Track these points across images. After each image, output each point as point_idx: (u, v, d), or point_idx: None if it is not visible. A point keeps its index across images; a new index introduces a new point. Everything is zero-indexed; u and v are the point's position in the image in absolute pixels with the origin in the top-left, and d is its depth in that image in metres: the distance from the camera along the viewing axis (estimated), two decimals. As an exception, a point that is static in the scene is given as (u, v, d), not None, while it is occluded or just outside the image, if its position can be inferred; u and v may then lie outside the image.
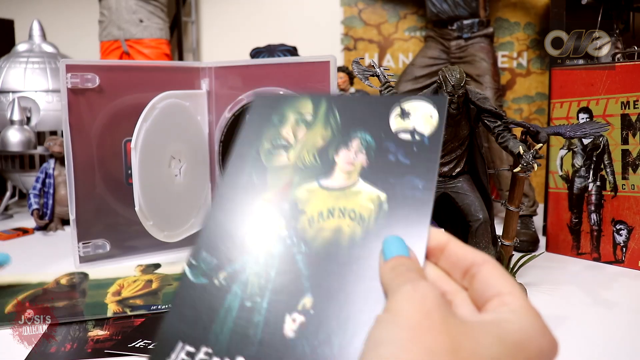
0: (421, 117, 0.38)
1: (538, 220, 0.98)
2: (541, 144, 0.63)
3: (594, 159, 0.84)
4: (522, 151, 0.61)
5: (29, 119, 1.13)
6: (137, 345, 0.55)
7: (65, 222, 1.02)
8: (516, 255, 0.73)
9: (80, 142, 0.81)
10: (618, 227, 0.81)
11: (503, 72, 1.22)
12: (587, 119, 0.84)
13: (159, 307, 0.65)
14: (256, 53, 1.13)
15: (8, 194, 1.19)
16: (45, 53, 1.20)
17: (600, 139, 0.83)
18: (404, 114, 0.38)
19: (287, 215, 0.36)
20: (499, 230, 0.71)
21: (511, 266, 0.72)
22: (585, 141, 0.85)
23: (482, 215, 0.65)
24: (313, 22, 1.40)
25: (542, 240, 0.91)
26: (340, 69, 1.10)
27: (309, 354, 0.32)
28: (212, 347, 0.34)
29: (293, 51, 1.14)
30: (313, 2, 1.40)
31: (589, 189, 0.84)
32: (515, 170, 0.64)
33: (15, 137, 1.08)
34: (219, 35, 1.53)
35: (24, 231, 1.02)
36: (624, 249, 0.81)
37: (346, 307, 0.33)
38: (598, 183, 0.83)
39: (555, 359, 0.28)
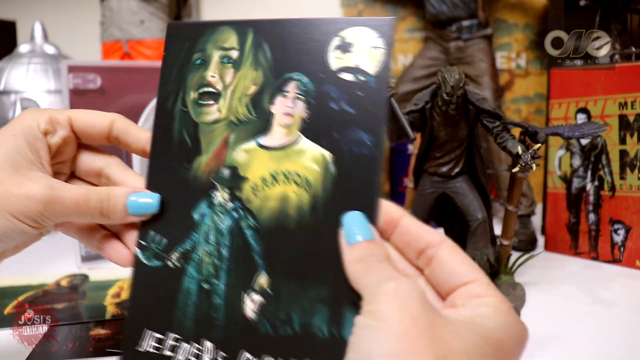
0: (365, 50, 0.33)
1: (536, 220, 0.98)
2: (540, 144, 0.63)
3: (592, 159, 0.84)
4: (520, 151, 0.61)
5: (30, 119, 1.13)
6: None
7: (67, 222, 1.02)
8: (515, 254, 0.74)
9: (82, 143, 0.81)
10: (616, 227, 0.82)
11: (502, 73, 1.22)
12: (586, 120, 0.84)
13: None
14: (256, 54, 1.14)
15: (9, 194, 1.19)
16: (47, 54, 1.21)
17: (598, 139, 0.83)
18: (345, 47, 0.33)
19: (229, 183, 0.33)
20: (497, 230, 0.72)
21: (510, 265, 0.72)
22: (584, 141, 0.85)
23: (481, 215, 0.65)
24: (313, 23, 1.40)
25: (541, 240, 0.92)
26: (340, 70, 1.11)
27: (271, 334, 0.31)
28: (179, 333, 0.33)
29: (293, 52, 1.14)
30: (313, 3, 1.41)
31: (587, 189, 0.85)
32: (513, 170, 0.65)
33: (16, 138, 1.08)
34: (220, 36, 1.53)
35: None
36: (622, 248, 0.81)
37: (303, 283, 0.31)
38: (596, 183, 0.84)
39: (525, 347, 0.28)
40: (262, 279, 0.32)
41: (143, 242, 0.36)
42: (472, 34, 1.10)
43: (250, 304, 0.32)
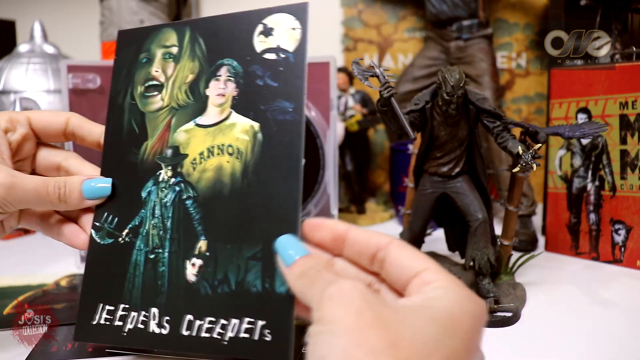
0: (284, 32, 0.37)
1: (537, 220, 0.98)
2: (540, 144, 0.63)
3: (593, 159, 0.84)
4: (521, 151, 0.61)
5: (30, 119, 1.13)
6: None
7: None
8: (515, 254, 0.73)
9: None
10: (616, 227, 0.82)
11: (502, 72, 1.22)
12: (586, 119, 0.84)
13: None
14: (256, 54, 1.14)
15: (9, 194, 1.19)
16: (46, 54, 1.21)
17: (599, 139, 0.83)
18: (267, 31, 0.38)
19: (172, 161, 0.37)
20: (498, 230, 0.72)
21: (510, 265, 0.72)
22: (584, 141, 0.85)
23: (482, 215, 0.65)
24: (313, 23, 1.39)
25: (541, 240, 0.92)
26: (340, 70, 1.10)
27: (210, 294, 0.34)
28: (128, 303, 0.36)
29: (293, 52, 1.14)
30: (313, 2, 1.40)
31: (588, 189, 0.85)
32: (514, 170, 0.65)
33: (16, 138, 1.08)
34: (219, 36, 1.53)
35: (25, 230, 1.02)
36: (623, 248, 0.81)
37: (238, 244, 0.34)
38: (597, 183, 0.84)
39: (484, 321, 0.29)
40: (202, 244, 0.35)
41: (97, 224, 0.39)
42: (473, 34, 1.10)
43: (191, 268, 0.35)
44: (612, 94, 0.82)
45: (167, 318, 0.34)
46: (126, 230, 0.37)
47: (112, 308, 0.37)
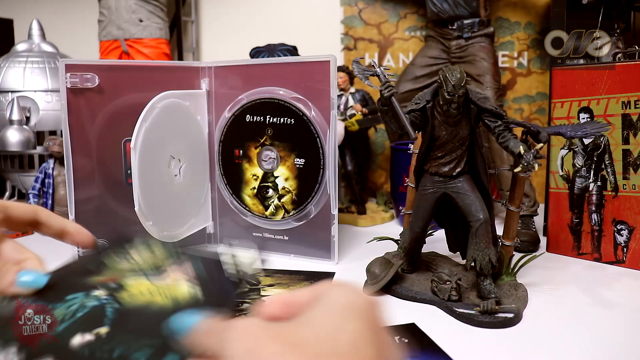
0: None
1: (539, 220, 0.98)
2: (542, 144, 0.63)
3: (595, 158, 0.83)
4: (522, 151, 0.60)
5: (28, 118, 1.12)
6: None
7: (65, 222, 1.01)
8: (517, 255, 0.73)
9: (80, 142, 0.80)
10: (619, 227, 0.81)
11: (503, 71, 1.22)
12: (588, 119, 0.83)
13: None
14: (256, 52, 1.13)
15: (7, 194, 1.18)
16: (44, 53, 1.20)
17: (601, 139, 0.83)
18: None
19: (111, 288, 0.40)
20: (499, 230, 0.71)
21: (512, 266, 0.71)
22: (586, 141, 0.84)
23: (483, 215, 0.65)
24: (313, 22, 1.39)
25: (543, 241, 0.91)
26: (340, 69, 1.10)
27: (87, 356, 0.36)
28: None
29: (293, 51, 1.14)
30: (313, 1, 1.40)
31: (590, 189, 0.84)
32: (515, 170, 0.64)
33: (14, 137, 1.08)
34: (219, 35, 1.52)
35: (23, 231, 1.02)
36: (625, 249, 0.81)
37: (138, 335, 0.36)
38: (599, 183, 0.83)
39: (379, 304, 0.30)
40: (102, 329, 0.37)
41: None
42: (474, 33, 1.09)
43: (79, 339, 0.37)
44: (614, 93, 0.81)
45: None
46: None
47: None
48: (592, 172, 0.84)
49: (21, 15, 1.50)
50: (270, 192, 0.88)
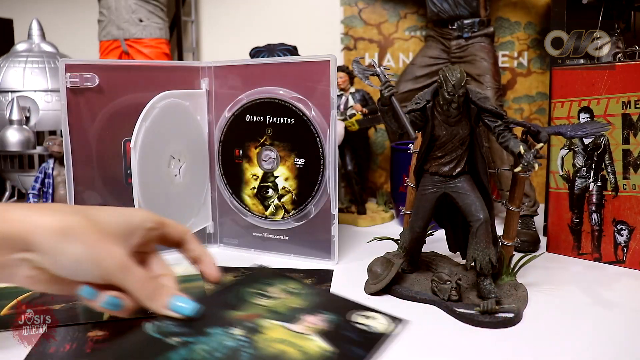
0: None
1: (539, 220, 0.98)
2: (542, 144, 0.63)
3: (595, 158, 0.84)
4: (522, 151, 0.60)
5: (28, 118, 1.12)
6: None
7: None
8: (517, 255, 0.73)
9: (80, 142, 0.80)
10: (619, 227, 0.81)
11: (504, 71, 1.22)
12: (588, 119, 0.83)
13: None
14: (256, 52, 1.13)
15: (7, 194, 1.18)
16: (44, 52, 1.20)
17: (601, 139, 0.83)
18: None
19: (248, 328, 0.42)
20: (499, 231, 0.71)
21: (512, 266, 0.71)
22: (586, 141, 0.84)
23: (483, 215, 0.65)
24: (313, 22, 1.39)
25: (543, 241, 0.91)
26: (340, 69, 1.10)
27: None
28: None
29: (293, 50, 1.14)
30: (313, 1, 1.40)
31: (590, 189, 0.84)
32: (515, 170, 0.64)
33: (14, 137, 1.08)
34: (219, 35, 1.52)
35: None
36: (625, 249, 0.81)
37: None
38: (599, 183, 0.83)
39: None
40: None
41: (157, 322, 0.43)
42: (474, 33, 1.09)
43: None
44: (614, 93, 0.81)
45: None
46: (178, 339, 0.41)
47: None
48: (592, 172, 0.84)
49: (21, 15, 1.50)
50: (270, 192, 0.88)
